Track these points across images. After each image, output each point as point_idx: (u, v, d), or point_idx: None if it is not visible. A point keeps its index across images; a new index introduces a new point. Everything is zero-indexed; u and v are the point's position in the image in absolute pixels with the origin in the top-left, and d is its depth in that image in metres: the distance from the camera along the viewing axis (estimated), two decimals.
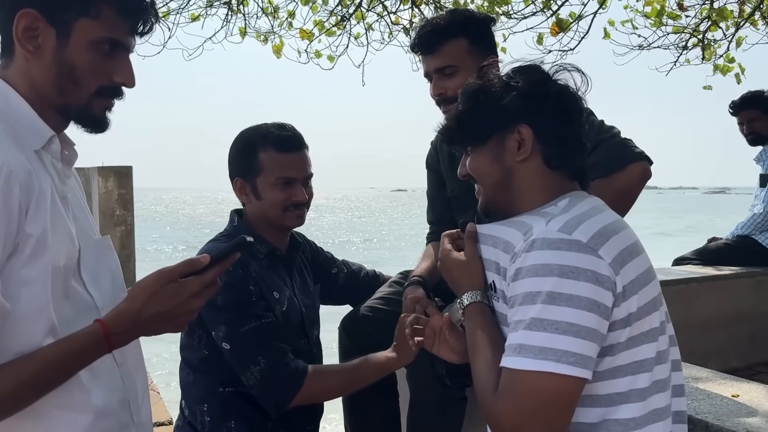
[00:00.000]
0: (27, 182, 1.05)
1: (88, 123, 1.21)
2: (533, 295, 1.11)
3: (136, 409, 1.27)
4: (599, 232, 1.15)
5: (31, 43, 1.11)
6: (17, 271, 1.04)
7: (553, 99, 1.26)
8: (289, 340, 1.75)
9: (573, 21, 5.68)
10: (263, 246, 1.81)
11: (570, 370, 1.07)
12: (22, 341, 1.05)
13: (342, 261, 2.18)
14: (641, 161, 1.82)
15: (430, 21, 2.06)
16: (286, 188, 1.78)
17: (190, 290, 1.13)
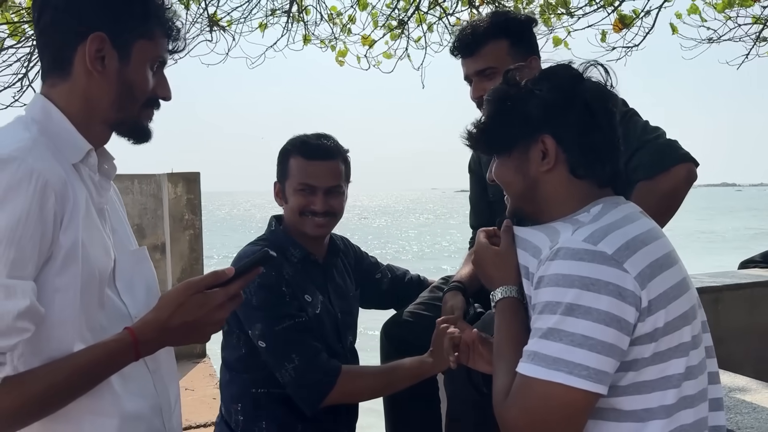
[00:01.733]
0: (62, 192, 1.10)
1: (139, 134, 1.29)
2: (553, 305, 1.10)
3: (168, 416, 1.31)
4: (627, 243, 1.12)
5: (99, 63, 1.18)
6: (51, 279, 1.09)
7: (578, 106, 1.23)
8: (322, 341, 1.79)
9: (636, 17, 5.52)
10: (297, 250, 1.85)
11: (581, 383, 1.06)
12: (55, 346, 1.10)
13: (387, 266, 2.20)
14: (686, 162, 1.76)
15: (470, 23, 2.06)
16: (306, 195, 1.83)
17: (216, 301, 1.17)
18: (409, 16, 6.17)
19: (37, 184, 1.05)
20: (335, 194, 1.87)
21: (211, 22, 5.47)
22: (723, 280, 3.07)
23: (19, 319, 1.02)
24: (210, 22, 5.47)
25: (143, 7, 1.21)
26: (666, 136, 1.81)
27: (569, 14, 5.91)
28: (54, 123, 1.18)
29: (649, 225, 1.21)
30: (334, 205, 1.87)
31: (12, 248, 1.02)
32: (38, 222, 1.05)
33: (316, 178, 1.84)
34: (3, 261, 1.01)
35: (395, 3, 6.02)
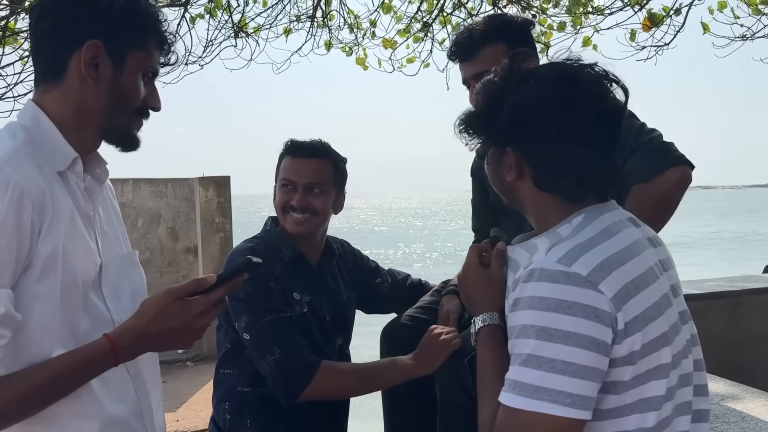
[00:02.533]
0: (41, 202, 1.12)
1: (128, 142, 1.31)
2: (528, 329, 1.08)
3: (149, 420, 1.32)
4: (601, 264, 1.08)
5: (93, 70, 1.20)
6: (30, 287, 1.11)
7: (540, 122, 1.17)
8: (308, 341, 1.81)
9: (666, 15, 5.40)
10: (289, 250, 1.89)
11: (566, 411, 1.03)
12: (33, 352, 1.12)
13: (387, 270, 2.21)
14: (681, 165, 1.72)
15: (467, 28, 2.06)
16: (287, 191, 1.88)
17: (196, 309, 1.17)
18: (433, 18, 6.16)
19: (13, 194, 1.07)
20: (316, 192, 1.89)
21: (236, 29, 5.55)
22: (743, 284, 3.00)
23: None
24: (235, 29, 5.55)
25: (139, 19, 1.24)
26: (662, 138, 1.78)
27: (600, 12, 5.82)
28: (42, 130, 1.20)
29: (630, 239, 1.16)
30: (314, 203, 1.88)
31: None
32: (14, 232, 1.07)
33: (296, 175, 1.88)
34: None
35: (418, 6, 6.02)
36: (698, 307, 2.93)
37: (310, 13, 6.00)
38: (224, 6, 5.42)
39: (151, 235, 8.61)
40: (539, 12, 6.17)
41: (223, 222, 7.85)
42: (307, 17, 6.01)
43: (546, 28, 6.20)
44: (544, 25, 6.20)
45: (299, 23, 6.08)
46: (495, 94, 1.25)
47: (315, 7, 5.95)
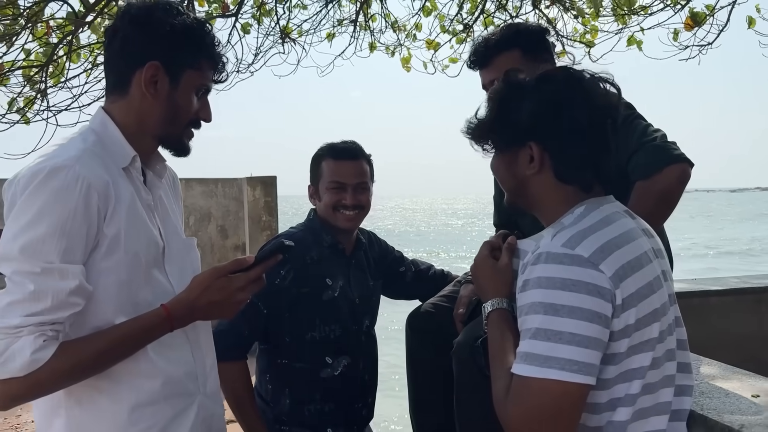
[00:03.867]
0: (105, 192, 1.30)
1: (179, 149, 1.49)
2: (538, 306, 1.19)
3: (203, 381, 1.50)
4: (601, 247, 1.20)
5: (152, 87, 1.39)
6: (97, 263, 1.29)
7: (564, 116, 1.29)
8: (339, 322, 2.01)
9: (708, 14, 5.38)
10: (328, 237, 2.07)
11: (573, 377, 1.14)
12: (99, 318, 1.30)
13: (411, 260, 2.37)
14: (680, 163, 1.81)
15: (485, 37, 2.18)
16: (337, 192, 2.04)
17: (237, 285, 1.36)
18: (474, 20, 6.26)
19: (82, 186, 1.25)
20: (362, 190, 2.08)
21: (282, 35, 5.78)
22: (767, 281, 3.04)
23: (71, 295, 1.23)
24: (282, 35, 5.78)
25: (194, 43, 1.41)
26: (665, 138, 1.87)
27: (645, 12, 5.82)
28: (108, 134, 1.40)
29: (626, 227, 1.28)
30: (362, 200, 2.08)
31: (64, 239, 1.23)
32: (84, 217, 1.25)
33: (345, 176, 2.05)
34: (57, 250, 1.22)
35: (459, 7, 6.13)
36: (721, 304, 2.99)
37: (353, 17, 6.18)
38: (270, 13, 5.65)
39: (201, 233, 8.96)
40: (581, 13, 6.21)
41: (270, 220, 8.12)
42: (350, 21, 6.20)
43: (589, 29, 6.24)
44: (587, 25, 6.24)
45: (342, 27, 6.28)
46: (510, 95, 1.37)
47: (357, 12, 6.13)
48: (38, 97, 4.31)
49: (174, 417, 1.41)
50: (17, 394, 1.23)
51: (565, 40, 6.21)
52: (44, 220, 1.22)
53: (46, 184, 1.23)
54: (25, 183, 1.25)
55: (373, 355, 2.20)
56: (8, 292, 1.22)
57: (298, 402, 2.02)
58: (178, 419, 1.42)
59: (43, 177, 1.24)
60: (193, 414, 1.45)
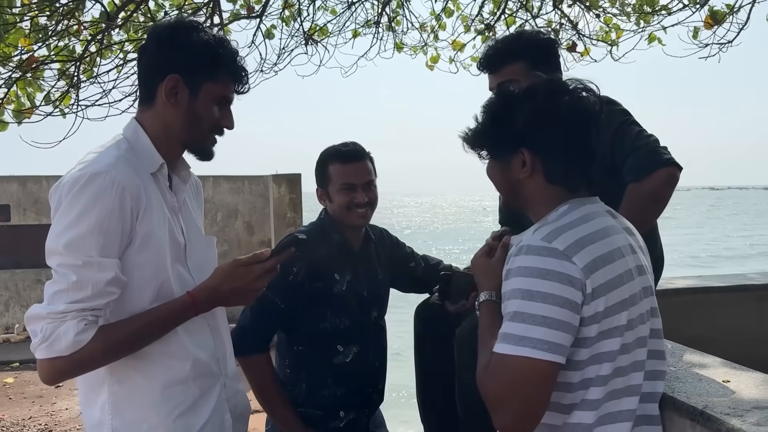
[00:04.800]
0: (137, 195, 1.45)
1: (202, 154, 1.64)
2: (515, 292, 1.32)
3: (224, 364, 1.66)
4: (576, 241, 1.33)
5: (173, 97, 1.53)
6: (132, 257, 1.46)
7: (554, 124, 1.42)
8: (347, 314, 2.16)
9: (730, 11, 5.40)
10: (337, 236, 2.20)
11: (543, 355, 1.26)
12: (135, 306, 1.47)
13: (422, 256, 2.50)
14: (669, 167, 1.91)
15: (493, 44, 2.29)
16: (348, 192, 2.16)
17: (254, 273, 1.51)
18: (496, 19, 6.34)
19: (117, 190, 1.41)
20: (371, 188, 2.22)
21: (306, 36, 5.94)
22: None
23: (108, 285, 1.40)
24: (306, 36, 5.93)
25: (212, 58, 1.53)
26: (657, 143, 1.97)
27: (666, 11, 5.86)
28: (140, 142, 1.55)
29: (603, 224, 1.40)
30: (372, 197, 2.21)
31: (101, 236, 1.39)
32: (119, 217, 1.41)
33: (355, 177, 2.18)
34: (96, 245, 1.38)
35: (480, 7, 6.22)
36: (723, 300, 3.06)
37: (376, 19, 6.31)
38: (295, 15, 5.81)
39: (229, 229, 9.19)
40: (603, 11, 6.26)
41: (295, 217, 8.32)
42: (374, 22, 6.33)
43: (611, 27, 6.29)
44: (609, 24, 6.29)
45: (367, 28, 6.41)
46: (502, 107, 1.50)
47: (380, 13, 6.26)
48: (71, 91, 4.52)
49: (201, 395, 1.57)
50: (63, 371, 1.40)
51: (587, 39, 6.29)
52: (85, 219, 1.39)
53: (86, 189, 1.40)
54: (69, 188, 1.41)
55: (382, 344, 2.32)
56: (54, 283, 1.39)
57: (314, 386, 2.16)
58: (204, 398, 1.58)
59: (84, 182, 1.40)
60: (216, 393, 1.61)
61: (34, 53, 4.38)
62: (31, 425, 6.04)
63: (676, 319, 2.96)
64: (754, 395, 1.48)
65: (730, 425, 1.33)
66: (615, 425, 1.36)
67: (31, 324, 1.39)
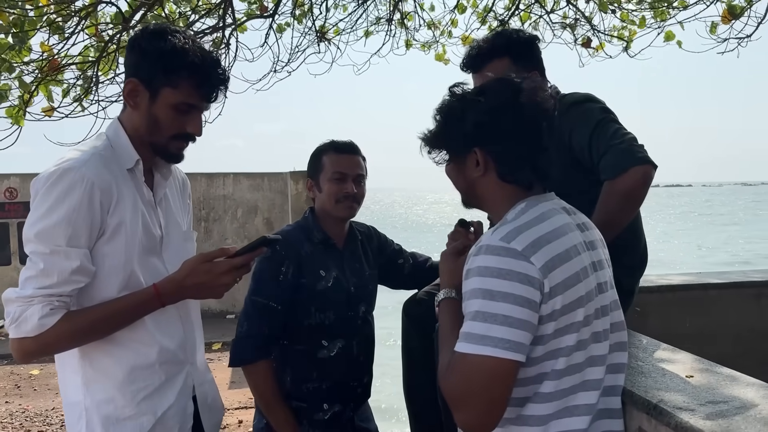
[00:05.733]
0: (108, 190, 1.55)
1: (165, 156, 1.71)
2: (476, 291, 1.33)
3: (192, 353, 1.75)
4: (534, 241, 1.36)
5: (133, 100, 1.62)
6: (101, 247, 1.56)
7: (504, 123, 1.45)
8: (332, 309, 2.21)
9: (748, 5, 5.33)
10: (319, 234, 2.25)
11: (505, 353, 1.29)
12: (103, 293, 1.57)
13: (410, 253, 2.54)
14: (643, 165, 1.91)
15: (477, 44, 2.33)
16: (338, 182, 2.22)
17: (220, 269, 1.58)
18: (509, 15, 6.33)
19: (87, 185, 1.51)
20: (361, 183, 2.27)
21: (319, 35, 6.00)
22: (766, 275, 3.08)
23: (74, 273, 1.50)
24: (318, 35, 6.00)
25: (171, 64, 1.57)
26: (634, 141, 1.98)
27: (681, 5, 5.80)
28: (119, 140, 1.65)
29: (559, 222, 1.43)
30: (360, 192, 2.26)
31: (69, 227, 1.49)
32: (88, 210, 1.51)
33: (347, 167, 2.24)
34: (64, 236, 1.48)
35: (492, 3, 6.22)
36: (720, 296, 3.04)
37: (389, 16, 6.35)
38: (308, 14, 5.87)
39: (249, 225, 9.34)
40: (618, 7, 6.21)
41: None
42: (386, 20, 6.37)
43: (627, 23, 6.24)
44: (625, 20, 6.24)
45: (378, 25, 6.45)
46: (454, 108, 1.54)
47: (392, 10, 6.30)
48: (91, 89, 4.64)
49: (166, 380, 1.67)
50: (30, 351, 1.50)
51: (602, 36, 6.24)
52: (55, 212, 1.49)
53: (57, 183, 1.50)
54: (44, 182, 1.51)
55: (369, 338, 2.37)
56: (26, 269, 1.51)
57: (298, 379, 2.22)
58: (168, 383, 1.67)
59: (56, 177, 1.50)
60: (181, 380, 1.70)
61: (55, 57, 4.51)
62: (53, 416, 6.24)
63: (671, 316, 2.97)
64: (712, 391, 1.50)
65: (679, 419, 1.35)
66: (572, 419, 1.39)
67: (6, 306, 1.50)
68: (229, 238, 9.27)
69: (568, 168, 2.13)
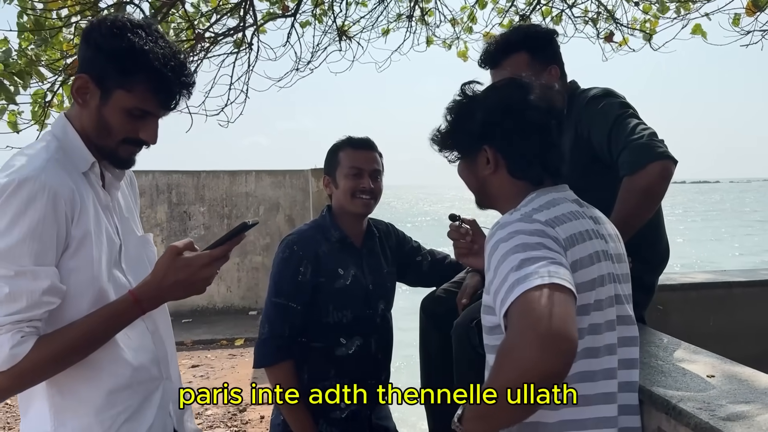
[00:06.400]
0: (71, 198, 1.38)
1: (113, 162, 1.52)
2: (508, 253, 1.26)
3: (165, 367, 1.60)
4: (555, 217, 1.37)
5: (82, 97, 1.44)
6: (66, 262, 1.38)
7: (513, 121, 1.46)
8: (350, 307, 2.21)
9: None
10: (336, 232, 2.26)
11: (553, 279, 1.17)
12: (73, 313, 1.39)
13: (428, 250, 2.54)
14: (662, 160, 1.88)
15: (495, 39, 2.32)
16: (355, 178, 2.22)
17: (200, 262, 1.42)
18: (531, 10, 6.29)
19: (49, 195, 1.34)
20: (377, 178, 2.27)
21: (340, 33, 6.01)
22: None
23: (45, 295, 1.33)
24: (339, 33, 6.01)
25: (126, 65, 1.40)
26: (653, 136, 1.95)
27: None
28: (69, 140, 1.46)
29: (569, 209, 1.42)
30: (377, 187, 2.26)
31: (34, 244, 1.31)
32: (53, 222, 1.34)
33: (363, 163, 2.24)
34: (29, 254, 1.31)
35: None
36: (745, 295, 2.98)
37: (409, 12, 6.34)
38: (328, 12, 5.89)
39: (270, 222, 9.39)
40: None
41: None
42: (406, 17, 6.36)
43: (651, 16, 6.16)
44: (648, 12, 6.16)
45: (399, 22, 6.45)
46: (464, 107, 1.55)
47: (413, 7, 6.29)
48: None
49: (144, 399, 1.53)
50: (4, 387, 1.32)
51: (625, 29, 6.17)
52: (16, 227, 1.31)
53: (15, 196, 1.31)
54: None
55: (388, 336, 2.37)
56: None
57: (315, 377, 2.22)
58: (147, 401, 1.54)
59: (13, 189, 1.32)
60: (159, 396, 1.57)
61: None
62: None
63: (694, 314, 2.93)
64: (733, 391, 1.48)
65: (699, 420, 1.33)
66: (599, 407, 1.35)
67: None
68: (251, 235, 9.33)
69: (587, 164, 2.12)
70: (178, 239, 8.17)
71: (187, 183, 9.41)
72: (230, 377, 6.54)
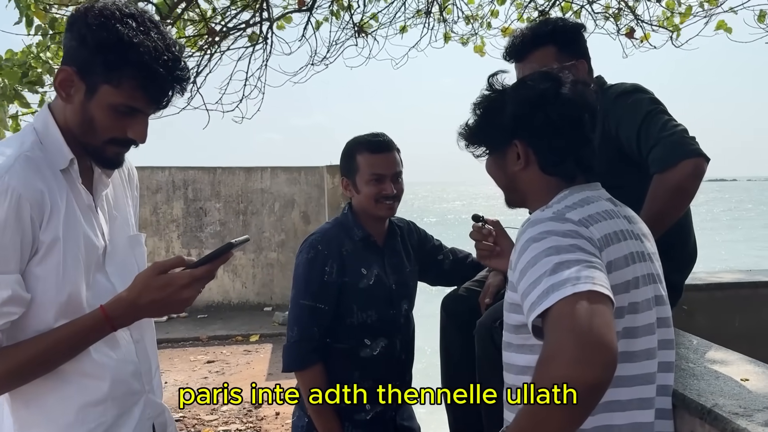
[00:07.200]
0: (39, 201, 1.27)
1: (99, 161, 1.42)
2: (539, 255, 1.21)
3: (147, 380, 1.51)
4: (589, 216, 1.32)
5: (65, 91, 1.33)
6: (32, 269, 1.28)
7: (544, 115, 1.41)
8: (374, 308, 2.17)
9: None
10: (359, 231, 2.21)
11: (604, 289, 1.13)
12: (37, 323, 1.30)
13: (450, 248, 2.49)
14: (695, 158, 1.84)
15: (520, 32, 2.27)
16: (377, 183, 2.16)
17: (180, 282, 1.31)
18: (551, 5, 6.22)
19: (12, 198, 1.23)
20: (399, 180, 2.22)
21: (357, 29, 5.97)
22: None
23: (5, 305, 1.23)
24: (356, 29, 5.97)
25: (113, 59, 1.29)
26: (684, 133, 1.90)
27: None
28: (49, 134, 1.36)
29: (605, 207, 1.38)
30: (399, 189, 2.21)
31: None
32: (16, 228, 1.23)
33: (384, 168, 2.18)
34: None
35: None
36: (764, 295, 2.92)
37: (427, 9, 6.29)
38: (346, 7, 5.85)
39: (286, 218, 9.39)
40: None
41: None
42: (424, 13, 6.31)
43: (675, 13, 6.07)
44: (672, 9, 6.08)
45: (417, 18, 6.40)
46: (494, 101, 1.51)
47: (431, 3, 6.23)
48: None
49: (120, 415, 1.43)
50: None
51: (647, 25, 6.08)
52: None
53: None
54: None
55: (410, 336, 2.33)
56: None
57: (339, 379, 2.17)
58: (123, 417, 1.44)
59: None
60: (138, 412, 1.47)
61: None
62: None
63: (719, 315, 2.87)
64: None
65: (736, 425, 1.29)
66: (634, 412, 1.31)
67: None
68: (266, 231, 9.34)
69: (615, 160, 2.07)
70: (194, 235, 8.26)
71: (203, 179, 9.43)
72: (245, 373, 6.55)
